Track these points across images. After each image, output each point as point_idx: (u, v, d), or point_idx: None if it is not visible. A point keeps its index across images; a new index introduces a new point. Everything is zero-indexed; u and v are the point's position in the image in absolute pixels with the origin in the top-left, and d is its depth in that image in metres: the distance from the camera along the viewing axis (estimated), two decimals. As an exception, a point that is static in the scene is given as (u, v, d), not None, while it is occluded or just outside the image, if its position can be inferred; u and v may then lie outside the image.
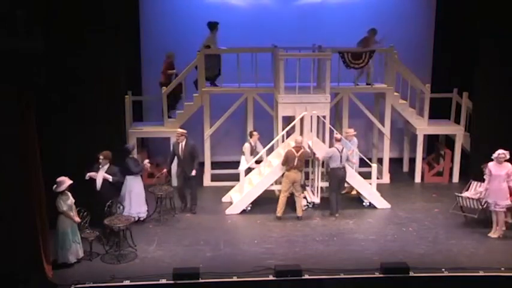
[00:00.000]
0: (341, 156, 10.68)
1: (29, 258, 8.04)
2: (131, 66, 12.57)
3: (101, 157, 9.49)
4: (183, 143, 10.80)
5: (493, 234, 9.78)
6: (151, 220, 10.53)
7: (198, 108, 12.38)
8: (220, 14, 13.13)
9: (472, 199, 10.09)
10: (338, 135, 10.96)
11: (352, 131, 11.57)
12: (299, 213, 10.69)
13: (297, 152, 10.53)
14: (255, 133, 11.76)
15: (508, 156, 9.69)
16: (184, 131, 10.94)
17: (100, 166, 9.52)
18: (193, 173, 10.84)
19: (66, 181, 8.72)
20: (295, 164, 10.50)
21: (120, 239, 9.10)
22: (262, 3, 13.72)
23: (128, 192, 10.24)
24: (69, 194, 8.81)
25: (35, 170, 8.09)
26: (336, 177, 10.79)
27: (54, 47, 8.77)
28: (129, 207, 10.14)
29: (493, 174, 9.64)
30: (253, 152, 11.59)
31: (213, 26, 12.25)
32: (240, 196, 11.17)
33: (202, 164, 12.44)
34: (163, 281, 8.20)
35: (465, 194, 10.32)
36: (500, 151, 9.65)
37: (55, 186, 8.68)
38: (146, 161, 10.78)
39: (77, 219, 8.84)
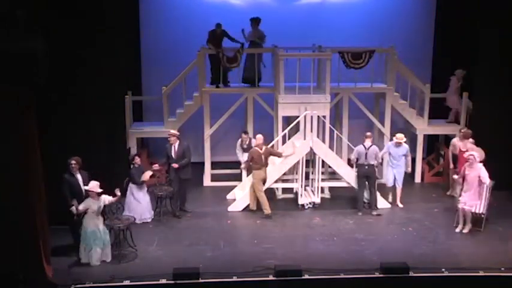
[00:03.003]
0: (366, 154, 10.80)
1: (29, 258, 8.03)
2: (131, 66, 12.58)
3: (73, 162, 9.08)
4: (176, 144, 10.71)
5: (466, 229, 9.94)
6: (151, 220, 10.53)
7: (198, 108, 12.40)
8: (220, 14, 13.13)
9: (474, 212, 10.06)
10: (368, 133, 11.27)
11: (402, 137, 11.17)
12: (267, 210, 10.68)
13: (261, 149, 10.69)
14: (244, 136, 11.81)
15: (477, 159, 9.97)
16: (177, 133, 10.86)
17: (73, 172, 9.15)
18: (175, 165, 10.56)
19: (95, 185, 8.75)
20: (262, 161, 10.66)
21: (120, 239, 9.11)
22: (262, 3, 13.72)
23: (134, 200, 10.32)
24: (102, 198, 8.78)
25: (35, 169, 8.10)
26: (360, 174, 10.92)
27: (54, 47, 8.77)
28: (134, 213, 10.10)
29: (468, 178, 9.98)
30: (246, 150, 11.64)
31: (258, 21, 12.25)
32: (242, 193, 11.20)
33: (202, 164, 12.46)
34: (164, 281, 8.20)
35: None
36: (468, 153, 10.11)
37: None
38: (155, 166, 10.70)
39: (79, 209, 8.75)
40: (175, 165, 10.60)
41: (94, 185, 8.77)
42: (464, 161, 10.39)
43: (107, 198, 8.86)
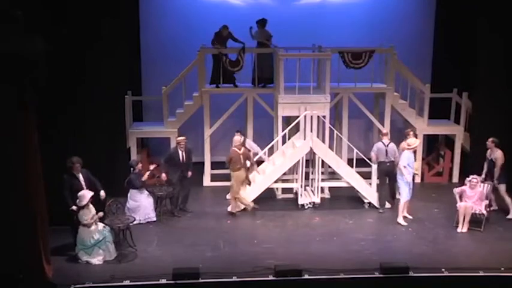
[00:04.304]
0: (387, 150, 10.85)
1: (29, 258, 8.02)
2: (131, 66, 12.58)
3: (77, 164, 9.16)
4: (183, 149, 10.80)
5: (465, 228, 10.01)
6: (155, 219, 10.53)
7: (198, 108, 12.39)
8: (220, 14, 13.15)
9: (474, 213, 10.08)
10: (385, 130, 11.44)
11: (412, 142, 10.49)
12: (249, 207, 10.82)
13: (240, 150, 10.73)
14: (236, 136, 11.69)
15: (479, 181, 10.18)
16: (185, 138, 10.93)
17: (74, 173, 9.16)
18: (189, 174, 10.83)
19: (86, 194, 8.80)
20: (242, 162, 10.68)
21: (120, 239, 9.11)
22: (262, 3, 13.73)
23: (135, 203, 10.34)
24: (91, 206, 8.87)
25: (34, 169, 8.09)
26: (381, 171, 10.97)
27: (55, 48, 8.78)
28: (139, 217, 10.21)
29: (468, 195, 10.13)
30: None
31: (264, 22, 12.29)
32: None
33: (202, 164, 12.46)
34: (163, 281, 8.19)
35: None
36: (472, 176, 10.16)
37: (77, 201, 8.78)
38: (152, 166, 10.75)
39: (91, 222, 8.89)
40: (190, 174, 10.80)
41: (82, 194, 8.81)
42: None
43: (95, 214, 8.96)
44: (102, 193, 9.22)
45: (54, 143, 9.42)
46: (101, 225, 8.96)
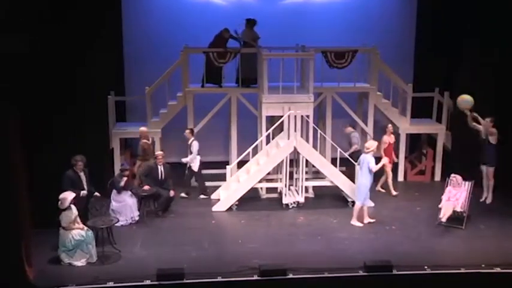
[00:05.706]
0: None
1: (10, 261, 7.92)
2: (114, 66, 12.49)
3: (79, 161, 9.40)
4: (162, 165, 10.80)
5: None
6: (138, 218, 10.47)
7: (182, 108, 12.34)
8: (203, 13, 13.12)
9: (455, 211, 10.20)
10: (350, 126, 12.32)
11: (370, 145, 10.43)
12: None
13: (149, 140, 11.62)
14: (186, 131, 11.77)
15: (460, 180, 10.37)
16: (163, 153, 10.99)
17: (77, 170, 9.36)
18: (172, 193, 10.79)
19: (68, 196, 8.72)
20: (152, 152, 11.42)
21: (104, 239, 9.05)
22: (246, 3, 13.73)
23: (119, 204, 10.28)
24: (73, 207, 8.77)
25: (17, 172, 7.99)
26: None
27: (37, 49, 8.71)
28: (125, 217, 10.21)
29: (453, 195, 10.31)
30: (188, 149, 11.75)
31: (253, 22, 12.27)
32: (226, 193, 11.20)
33: (186, 165, 12.39)
34: (148, 282, 8.15)
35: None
36: (452, 175, 10.43)
37: (59, 203, 8.66)
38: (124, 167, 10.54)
39: (81, 226, 8.83)
40: (172, 193, 10.78)
41: (64, 197, 8.72)
42: (390, 153, 11.80)
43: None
44: (96, 194, 9.53)
45: (38, 144, 9.32)
46: (84, 227, 8.86)
